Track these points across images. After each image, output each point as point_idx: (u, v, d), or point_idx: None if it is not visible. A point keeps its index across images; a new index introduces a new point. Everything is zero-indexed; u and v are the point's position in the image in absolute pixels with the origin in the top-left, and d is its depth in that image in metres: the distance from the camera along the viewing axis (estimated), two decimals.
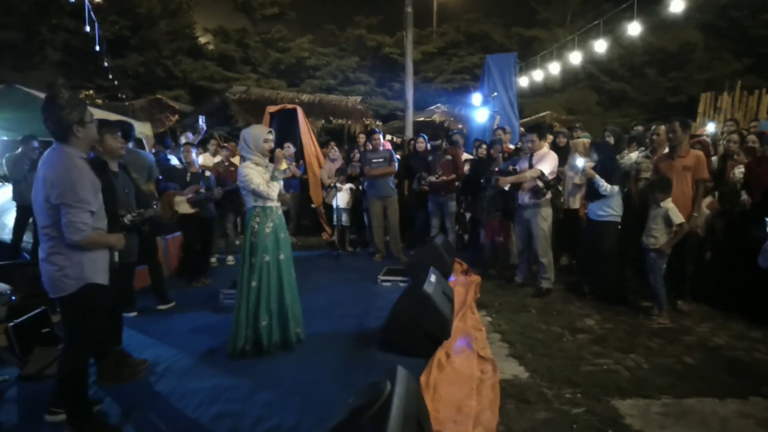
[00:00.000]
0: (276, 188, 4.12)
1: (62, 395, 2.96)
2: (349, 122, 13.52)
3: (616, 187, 5.24)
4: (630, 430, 2.90)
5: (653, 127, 5.78)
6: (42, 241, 2.86)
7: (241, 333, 3.97)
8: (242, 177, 4.03)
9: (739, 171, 5.29)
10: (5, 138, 9.93)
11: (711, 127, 7.72)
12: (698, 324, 4.70)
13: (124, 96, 17.42)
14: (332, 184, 8.22)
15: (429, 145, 8.14)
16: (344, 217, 8.32)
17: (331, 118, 13.33)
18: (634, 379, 3.54)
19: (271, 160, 4.21)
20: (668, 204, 4.76)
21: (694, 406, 3.18)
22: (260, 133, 4.12)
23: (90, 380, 3.49)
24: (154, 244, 5.48)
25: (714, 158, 5.97)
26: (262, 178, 4.03)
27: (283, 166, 4.32)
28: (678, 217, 4.71)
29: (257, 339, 4.01)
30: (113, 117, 8.17)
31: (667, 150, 5.33)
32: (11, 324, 3.91)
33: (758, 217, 4.64)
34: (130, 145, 5.49)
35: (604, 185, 5.19)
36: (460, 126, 13.87)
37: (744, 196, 5.11)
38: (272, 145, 4.16)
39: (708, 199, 5.39)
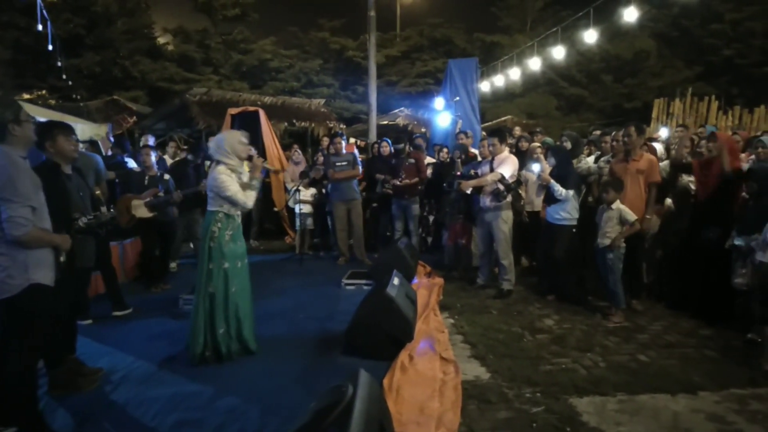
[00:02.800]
0: (252, 197, 4.07)
1: (11, 408, 2.82)
2: (313, 125, 13.45)
3: (571, 192, 5.39)
4: (587, 428, 2.97)
5: (613, 133, 5.96)
6: None
7: (198, 339, 3.90)
8: (217, 182, 3.91)
9: (687, 176, 5.49)
10: None
11: (664, 132, 8.00)
12: (652, 323, 4.87)
13: (78, 97, 16.90)
14: (295, 187, 8.16)
15: (392, 149, 8.18)
16: (307, 221, 8.27)
17: (295, 121, 13.23)
18: (591, 378, 3.63)
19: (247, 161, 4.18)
20: (619, 205, 4.93)
21: (648, 402, 3.29)
22: (237, 137, 4.09)
23: (41, 391, 3.38)
24: (107, 249, 5.33)
25: (665, 163, 6.18)
26: (237, 186, 3.97)
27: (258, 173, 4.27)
28: (632, 216, 4.88)
29: (216, 345, 3.94)
30: (67, 118, 7.93)
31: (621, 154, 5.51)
32: None
33: (707, 218, 4.84)
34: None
35: (559, 190, 5.33)
36: (423, 130, 13.97)
37: (668, 201, 5.35)
38: (251, 150, 4.14)
39: (657, 206, 5.62)
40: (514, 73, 13.01)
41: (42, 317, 2.89)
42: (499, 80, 13.60)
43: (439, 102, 10.97)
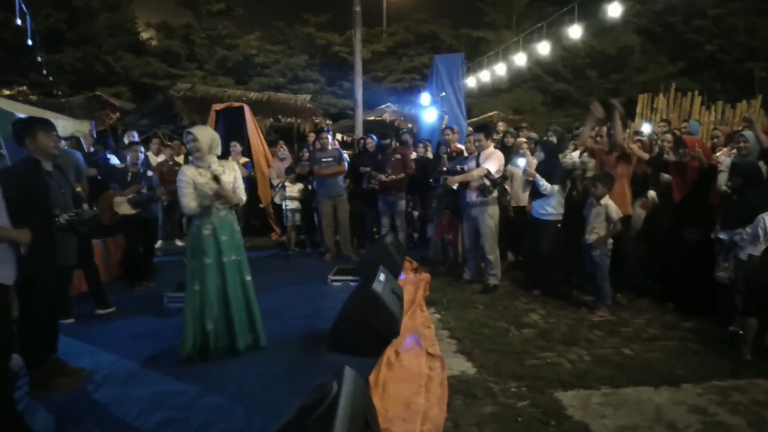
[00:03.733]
0: (207, 195, 3.96)
1: None
2: (299, 121, 13.39)
3: (556, 187, 5.42)
4: (571, 421, 2.99)
5: (596, 129, 6.00)
6: None
7: (188, 338, 3.86)
8: (178, 180, 3.95)
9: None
10: None
11: (646, 128, 8.06)
12: (635, 316, 4.91)
13: (60, 93, 16.64)
14: (281, 184, 8.11)
15: (378, 144, 8.16)
16: (296, 217, 8.22)
17: (280, 117, 13.16)
18: (576, 371, 3.66)
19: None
20: (608, 201, 4.95)
21: (631, 395, 3.32)
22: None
23: (22, 392, 3.34)
24: (89, 247, 5.26)
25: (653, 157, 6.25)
26: (191, 187, 3.91)
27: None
28: (617, 214, 4.91)
29: (204, 344, 3.91)
30: (48, 115, 7.80)
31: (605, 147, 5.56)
32: None
33: (686, 217, 4.90)
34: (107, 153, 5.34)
35: (545, 184, 5.36)
36: (410, 125, 13.97)
37: (651, 194, 5.39)
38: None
39: (641, 199, 5.66)
40: (500, 69, 13.03)
41: (5, 318, 2.81)
42: (485, 76, 13.61)
43: (425, 98, 10.94)
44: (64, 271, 3.99)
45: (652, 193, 5.70)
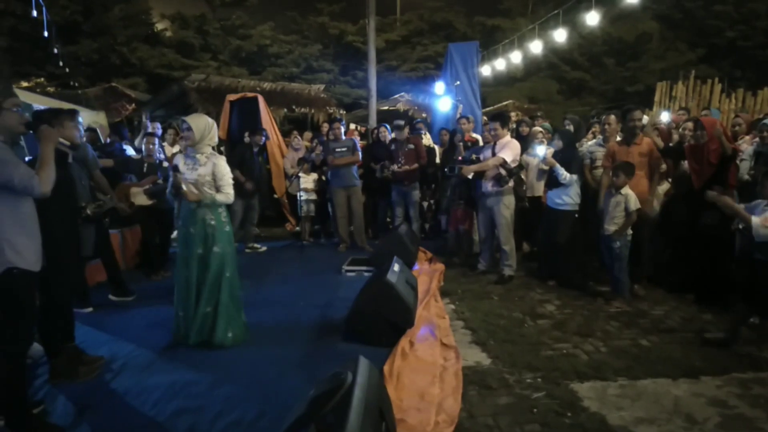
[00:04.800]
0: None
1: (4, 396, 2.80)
2: (313, 111, 13.36)
3: (575, 176, 5.34)
4: (588, 413, 2.96)
5: (603, 117, 5.92)
6: None
7: (176, 325, 4.02)
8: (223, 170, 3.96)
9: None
10: None
11: (665, 116, 7.92)
12: (653, 307, 4.85)
13: (76, 84, 16.78)
14: (295, 174, 8.12)
15: (390, 134, 8.12)
16: (310, 207, 8.23)
17: (294, 107, 13.13)
18: (592, 363, 3.63)
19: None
20: (628, 191, 4.88)
21: (649, 387, 3.28)
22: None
23: (42, 380, 3.39)
24: (107, 236, 5.31)
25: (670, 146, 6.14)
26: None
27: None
28: (635, 204, 4.83)
29: (185, 333, 4.00)
30: (65, 106, 7.87)
31: (619, 138, 5.47)
32: None
33: (704, 204, 4.79)
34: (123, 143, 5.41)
35: (564, 174, 5.28)
36: (424, 115, 13.88)
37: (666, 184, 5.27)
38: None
39: (665, 185, 5.56)
40: (516, 57, 12.87)
41: (22, 304, 2.81)
42: (500, 64, 13.46)
43: (439, 87, 10.86)
44: (81, 260, 4.05)
45: (666, 185, 5.58)
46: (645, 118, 6.25)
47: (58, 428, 2.86)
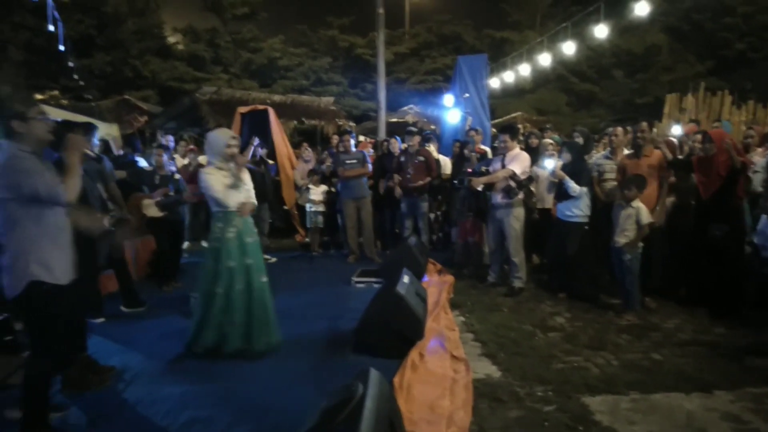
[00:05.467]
0: (234, 196, 4.00)
1: (23, 401, 2.84)
2: (322, 123, 13.46)
3: (584, 188, 5.33)
4: (599, 427, 2.94)
5: (610, 129, 5.92)
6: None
7: (202, 337, 3.94)
8: (202, 182, 3.97)
9: None
10: None
11: (676, 129, 7.91)
12: (665, 320, 4.81)
13: (90, 97, 17.01)
14: (305, 186, 8.17)
15: (401, 146, 8.16)
16: (318, 219, 8.27)
17: (304, 119, 13.25)
18: (604, 376, 3.60)
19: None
20: (639, 204, 4.87)
21: (661, 401, 3.25)
22: (223, 138, 4.02)
23: (54, 389, 3.41)
24: (120, 247, 5.36)
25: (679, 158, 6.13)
26: (221, 185, 3.95)
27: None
28: (647, 218, 4.82)
29: (219, 345, 3.96)
30: (79, 118, 7.98)
31: (629, 151, 5.47)
32: None
33: (712, 216, 4.77)
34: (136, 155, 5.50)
35: (574, 186, 5.27)
36: (432, 127, 13.93)
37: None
38: (235, 150, 4.03)
39: (672, 198, 5.54)
40: (524, 69, 12.92)
41: (49, 317, 2.82)
42: (508, 76, 13.51)
43: (448, 99, 10.92)
44: (96, 271, 4.10)
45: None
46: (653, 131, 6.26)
47: None
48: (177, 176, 6.47)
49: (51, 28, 9.68)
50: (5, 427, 2.93)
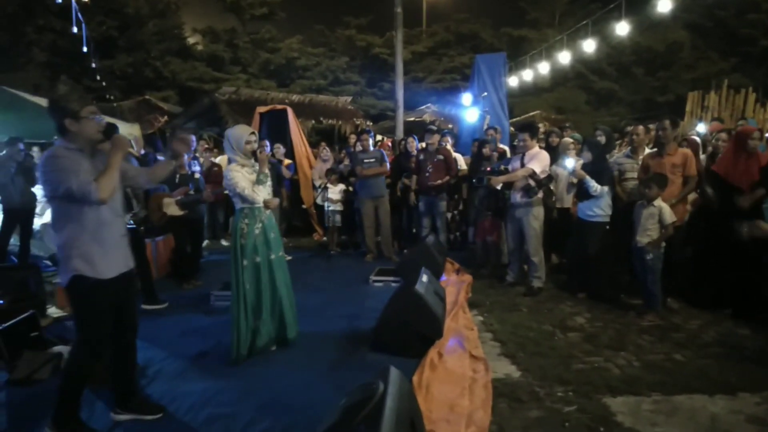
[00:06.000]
0: (262, 192, 4.06)
1: (58, 393, 2.89)
2: (340, 122, 13.50)
3: (606, 188, 5.27)
4: (621, 428, 2.91)
5: (632, 128, 5.84)
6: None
7: (241, 337, 3.92)
8: (228, 180, 3.97)
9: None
10: None
11: (701, 127, 7.79)
12: (687, 321, 4.74)
13: (111, 97, 17.28)
14: (323, 185, 8.20)
15: (419, 146, 8.15)
16: (336, 218, 8.30)
17: (322, 119, 13.30)
18: (625, 377, 3.56)
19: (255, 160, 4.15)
20: (661, 203, 4.80)
21: (684, 402, 3.20)
22: (242, 134, 4.03)
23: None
24: (142, 245, 5.44)
25: (703, 157, 6.03)
26: (247, 181, 3.98)
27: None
28: (671, 217, 4.75)
29: (255, 339, 4.00)
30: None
31: (652, 149, 5.39)
32: None
33: (734, 214, 4.68)
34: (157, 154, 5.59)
35: (595, 186, 5.21)
36: (450, 126, 13.90)
37: (709, 190, 5.15)
38: (255, 146, 4.06)
39: (692, 196, 5.44)
40: (543, 68, 12.84)
41: (91, 310, 2.86)
42: (527, 75, 13.45)
43: (466, 98, 10.89)
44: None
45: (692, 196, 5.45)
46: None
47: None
48: (197, 175, 6.54)
49: (75, 30, 9.86)
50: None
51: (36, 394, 3.43)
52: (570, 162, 5.56)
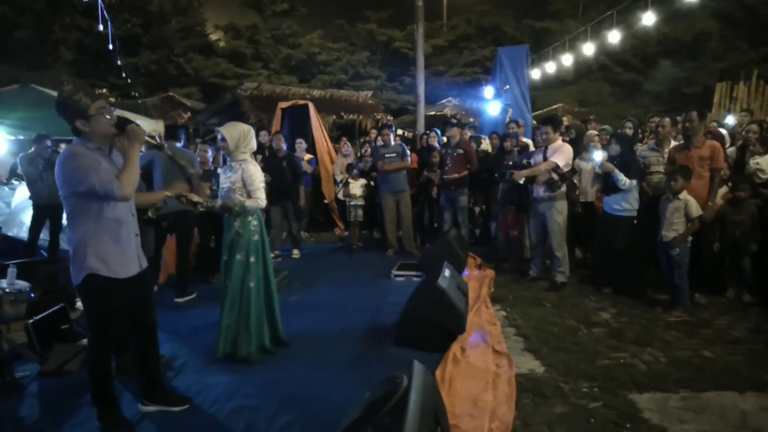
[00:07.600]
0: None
1: (91, 390, 2.96)
2: (361, 117, 13.51)
3: (634, 181, 5.17)
4: (648, 425, 2.87)
5: (657, 120, 5.72)
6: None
7: (250, 338, 3.90)
8: (252, 175, 3.93)
9: (754, 162, 5.21)
10: (21, 137, 10.05)
11: (730, 119, 7.59)
12: (716, 317, 4.65)
13: (136, 94, 17.54)
14: (344, 180, 8.22)
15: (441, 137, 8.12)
16: (358, 212, 8.31)
17: (343, 114, 13.31)
18: (652, 373, 3.51)
19: None
20: (687, 196, 4.71)
21: (713, 399, 3.14)
22: (248, 132, 4.04)
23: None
24: (164, 239, 5.57)
25: (731, 149, 5.90)
26: (261, 180, 4.03)
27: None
28: (697, 210, 4.65)
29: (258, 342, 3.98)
30: (127, 115, 8.24)
31: (679, 141, 5.29)
32: (31, 321, 3.98)
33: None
34: (179, 144, 5.81)
35: (623, 179, 5.10)
36: (471, 120, 13.80)
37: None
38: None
39: (723, 190, 5.31)
40: (566, 60, 12.66)
41: (104, 309, 2.87)
42: (549, 67, 13.27)
43: (488, 91, 10.80)
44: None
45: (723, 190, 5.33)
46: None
47: (129, 424, 2.99)
48: (219, 170, 6.59)
49: (101, 28, 10.01)
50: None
51: (67, 385, 3.52)
52: (599, 155, 5.47)
